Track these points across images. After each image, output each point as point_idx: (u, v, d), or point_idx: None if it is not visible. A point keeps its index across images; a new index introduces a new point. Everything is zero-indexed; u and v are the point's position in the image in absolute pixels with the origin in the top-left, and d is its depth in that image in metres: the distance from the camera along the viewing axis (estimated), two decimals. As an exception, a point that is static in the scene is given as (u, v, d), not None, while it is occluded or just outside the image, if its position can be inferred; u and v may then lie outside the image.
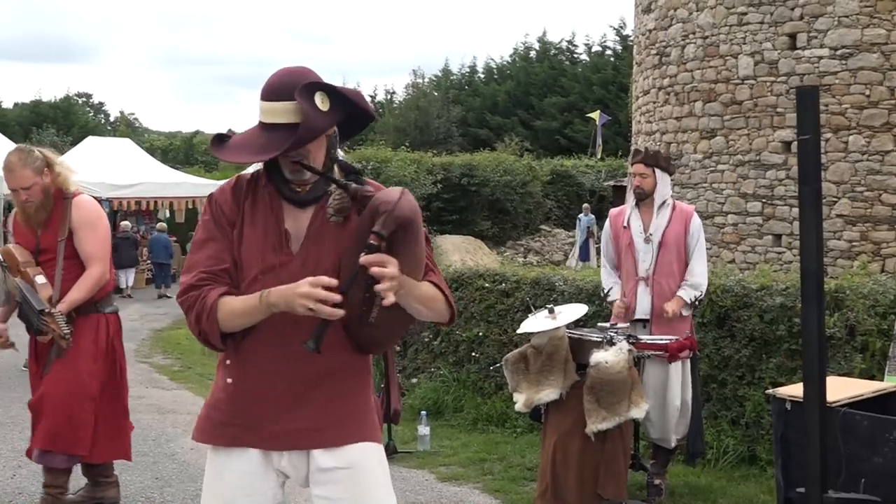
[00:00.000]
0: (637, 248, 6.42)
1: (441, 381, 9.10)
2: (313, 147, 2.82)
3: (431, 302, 2.88)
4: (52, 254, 5.41)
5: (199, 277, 2.85)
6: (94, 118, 65.13)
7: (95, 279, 5.44)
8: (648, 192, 6.42)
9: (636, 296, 6.39)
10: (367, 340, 2.91)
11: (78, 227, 5.43)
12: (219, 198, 2.97)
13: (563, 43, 51.52)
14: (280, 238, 2.87)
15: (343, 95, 2.86)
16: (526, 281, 8.73)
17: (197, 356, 13.41)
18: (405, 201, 2.73)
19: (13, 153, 5.47)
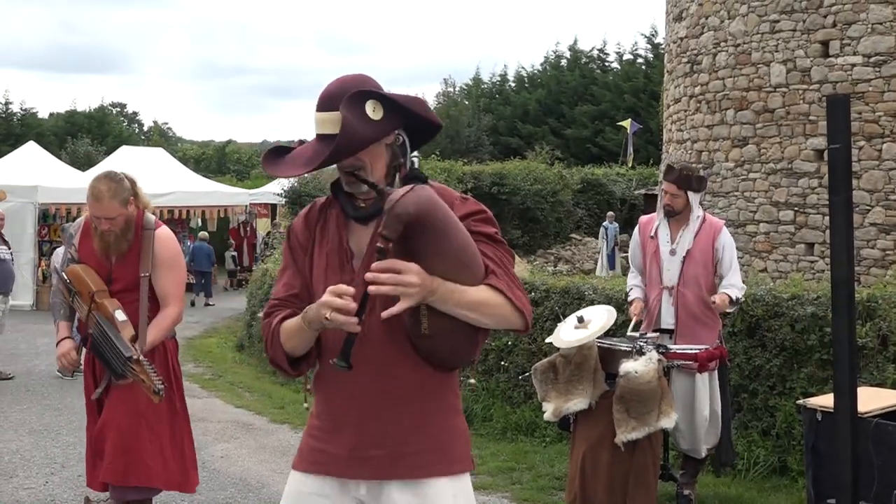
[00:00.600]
0: (662, 258, 6.42)
1: (470, 390, 9.10)
2: (369, 157, 2.73)
3: (487, 307, 2.65)
4: (124, 285, 5.03)
5: (271, 305, 2.87)
6: (128, 128, 65.67)
7: (173, 319, 5.15)
8: (678, 210, 6.43)
9: (660, 304, 6.38)
10: (432, 354, 2.73)
11: (160, 263, 5.10)
12: (295, 225, 2.97)
13: (595, 51, 51.42)
14: (343, 257, 2.82)
15: (398, 104, 2.75)
16: (555, 290, 8.73)
17: (228, 364, 13.49)
18: (409, 197, 2.51)
19: (102, 181, 5.05)
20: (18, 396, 10.71)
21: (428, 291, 2.53)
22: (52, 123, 56.24)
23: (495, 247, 2.77)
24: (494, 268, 2.71)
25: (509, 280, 2.72)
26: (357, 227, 2.83)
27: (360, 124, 2.66)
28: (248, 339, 14.56)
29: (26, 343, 14.67)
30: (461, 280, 2.61)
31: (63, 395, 10.77)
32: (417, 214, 2.49)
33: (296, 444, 3.04)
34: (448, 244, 2.58)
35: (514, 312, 2.70)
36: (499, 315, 2.69)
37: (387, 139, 2.77)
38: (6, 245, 12.17)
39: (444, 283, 2.57)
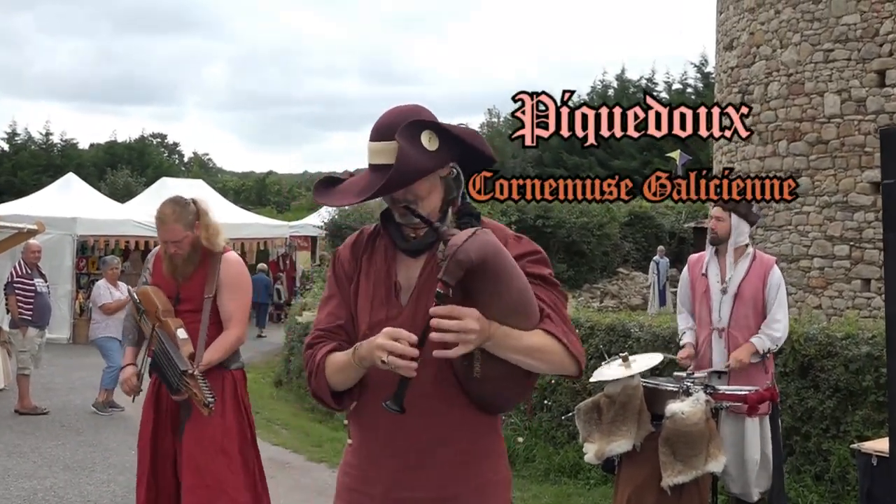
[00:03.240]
0: (713, 298, 6.37)
1: (512, 430, 9.07)
2: (423, 189, 2.72)
3: (541, 353, 2.64)
4: (191, 305, 5.32)
5: (315, 336, 2.86)
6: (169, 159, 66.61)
7: (234, 341, 5.37)
8: (722, 237, 6.37)
9: (710, 346, 6.32)
10: (481, 397, 2.74)
11: (225, 285, 5.36)
12: (341, 253, 2.96)
13: (643, 80, 51.47)
14: (390, 290, 2.79)
15: (454, 135, 2.74)
16: (601, 327, 8.69)
17: (265, 400, 13.54)
18: (472, 243, 2.50)
19: (168, 205, 5.38)
20: (53, 431, 10.82)
21: (485, 337, 2.53)
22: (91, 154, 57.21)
23: (549, 289, 2.77)
24: (549, 312, 2.71)
25: (564, 325, 2.72)
26: (406, 260, 2.82)
27: (415, 154, 2.65)
28: (286, 375, 14.62)
29: (62, 377, 14.83)
30: (517, 324, 2.60)
31: (98, 431, 10.87)
32: (479, 261, 2.49)
33: (333, 483, 3.02)
34: (506, 289, 2.58)
35: (568, 358, 2.70)
36: (553, 361, 2.68)
37: (441, 171, 2.76)
38: (43, 278, 12.36)
39: (500, 327, 2.57)
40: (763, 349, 6.18)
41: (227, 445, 5.30)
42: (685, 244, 30.25)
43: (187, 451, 5.23)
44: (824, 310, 14.88)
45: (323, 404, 2.85)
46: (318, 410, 12.08)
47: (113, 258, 13.37)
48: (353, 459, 2.86)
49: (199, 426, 5.21)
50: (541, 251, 2.83)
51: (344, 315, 2.86)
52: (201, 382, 4.98)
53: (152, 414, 5.38)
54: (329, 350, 2.77)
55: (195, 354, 5.17)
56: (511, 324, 2.59)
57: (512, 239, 2.81)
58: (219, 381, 5.31)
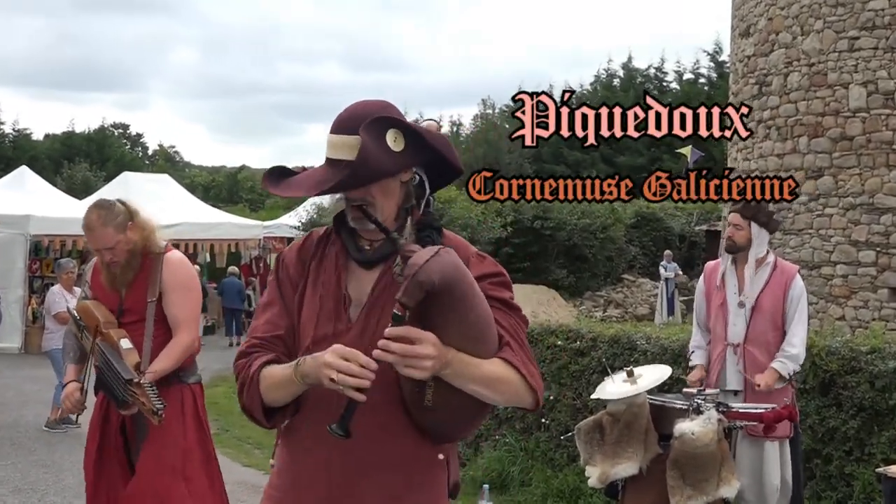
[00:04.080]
0: (729, 311, 6.36)
1: (507, 451, 9.06)
2: (380, 193, 2.74)
3: (499, 384, 2.68)
4: (136, 315, 5.32)
5: (251, 344, 2.85)
6: (131, 151, 66.48)
7: (185, 347, 5.35)
8: (740, 246, 6.36)
9: (723, 364, 6.32)
10: (432, 427, 2.74)
11: (170, 288, 5.36)
12: (286, 256, 2.96)
13: (651, 69, 51.53)
14: (339, 303, 2.79)
15: (422, 138, 2.76)
16: (603, 339, 8.69)
17: (235, 417, 13.50)
18: (435, 263, 2.53)
19: (92, 210, 5.36)
20: (3, 451, 10.79)
21: (442, 364, 2.56)
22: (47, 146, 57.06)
23: (510, 314, 2.80)
24: (509, 339, 2.75)
25: (524, 353, 2.76)
26: (358, 271, 2.82)
27: (378, 153, 2.67)
28: (258, 390, 14.58)
29: (13, 390, 14.79)
30: (475, 352, 2.64)
31: (52, 450, 10.83)
32: (442, 284, 2.52)
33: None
34: (466, 314, 2.61)
35: (526, 391, 2.74)
36: (511, 392, 2.72)
37: (403, 175, 2.79)
38: (-8, 281, 12.34)
39: (458, 355, 2.60)
40: (787, 373, 6.17)
41: (189, 470, 5.30)
42: (696, 248, 30.34)
43: (144, 476, 5.21)
44: (848, 321, 14.91)
45: (253, 420, 2.86)
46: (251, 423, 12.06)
47: (69, 261, 13.32)
48: (277, 481, 2.88)
49: (157, 448, 5.20)
50: (503, 273, 2.86)
51: (284, 325, 2.86)
52: (149, 390, 4.95)
53: (98, 436, 5.38)
54: (265, 362, 2.77)
55: (141, 363, 5.16)
56: (469, 351, 2.62)
57: (474, 258, 2.83)
58: (177, 398, 5.32)
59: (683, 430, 5.54)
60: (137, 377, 5.01)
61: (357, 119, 2.71)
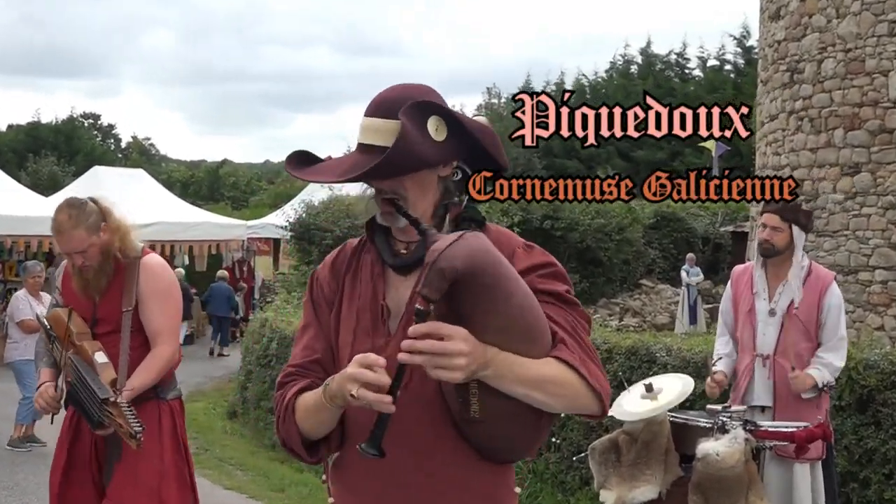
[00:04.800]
0: (758, 318, 6.35)
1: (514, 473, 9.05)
2: (414, 187, 2.71)
3: (554, 386, 2.58)
4: (111, 325, 5.28)
5: (287, 373, 2.84)
6: (102, 144, 66.59)
7: (165, 360, 5.32)
8: (779, 249, 6.32)
9: (752, 376, 6.31)
10: (483, 443, 2.67)
11: (147, 295, 5.32)
12: (319, 274, 2.94)
13: (672, 55, 51.53)
14: (377, 315, 2.76)
15: (467, 130, 2.74)
16: (620, 350, 8.70)
17: (217, 435, 13.53)
18: (457, 248, 2.43)
19: (62, 210, 5.29)
20: (-39, 471, 10.79)
21: (479, 364, 2.47)
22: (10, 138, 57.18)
23: (566, 309, 2.72)
24: (564, 336, 2.65)
25: (583, 352, 2.67)
26: (396, 279, 2.78)
27: (419, 140, 2.64)
28: (241, 405, 14.59)
29: (-27, 406, 14.77)
30: (522, 351, 2.55)
31: (14, 471, 10.84)
32: (467, 270, 2.42)
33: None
34: (506, 307, 2.51)
35: (588, 393, 2.64)
36: (569, 396, 2.62)
37: (441, 169, 2.76)
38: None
39: (500, 353, 2.51)
40: (823, 382, 6.16)
41: (166, 493, 5.27)
42: (721, 251, 30.31)
43: (116, 501, 5.19)
44: (888, 331, 14.91)
45: (294, 456, 2.83)
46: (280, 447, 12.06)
47: (35, 264, 13.29)
48: None
49: (131, 470, 5.17)
50: (555, 263, 2.79)
51: (321, 347, 2.84)
52: (126, 411, 4.89)
53: (66, 456, 5.36)
54: (300, 389, 2.75)
55: (117, 380, 5.11)
56: (514, 349, 2.53)
57: (521, 249, 2.78)
58: (154, 415, 5.30)
59: (707, 451, 5.54)
60: (114, 396, 4.94)
61: (396, 102, 2.68)
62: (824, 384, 6.16)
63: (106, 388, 4.98)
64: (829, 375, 6.17)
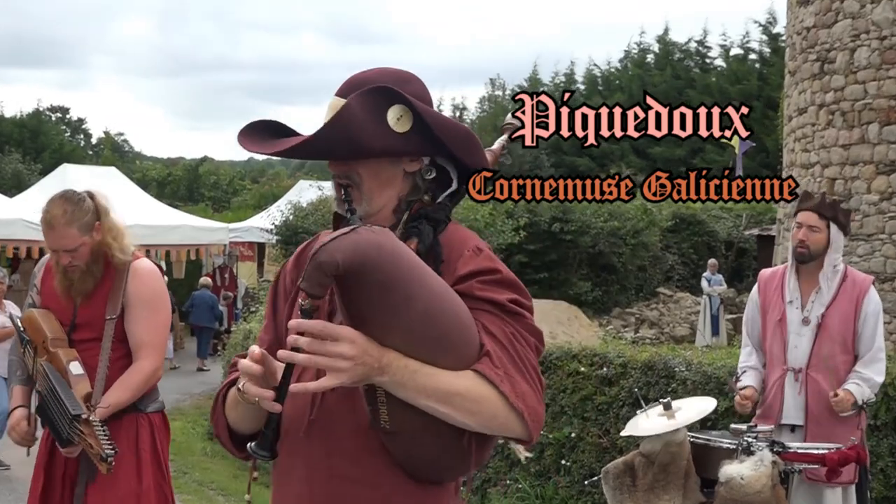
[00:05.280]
0: (789, 328, 6.32)
1: (519, 498, 9.07)
2: (369, 176, 2.74)
3: (463, 401, 2.54)
4: (91, 333, 5.23)
5: (232, 363, 2.88)
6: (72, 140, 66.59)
7: (146, 376, 5.27)
8: (815, 253, 6.25)
9: (782, 392, 6.29)
10: (402, 458, 2.65)
11: (134, 303, 5.26)
12: (287, 263, 3.02)
13: (692, 43, 51.64)
14: (322, 312, 2.71)
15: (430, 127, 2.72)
16: (635, 364, 8.70)
17: (197, 457, 13.52)
18: (343, 241, 2.41)
19: (56, 203, 5.23)
20: (-81, 496, 10.80)
21: (373, 369, 2.45)
22: (-30, 133, 56.97)
23: (505, 320, 2.67)
24: (492, 347, 2.60)
25: (515, 367, 2.61)
26: None
27: (368, 123, 2.66)
28: (223, 424, 14.57)
29: (-70, 424, 14.76)
30: (433, 360, 2.52)
31: (-23, 496, 10.84)
32: (349, 266, 2.39)
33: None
34: (406, 309, 2.47)
35: (508, 413, 2.58)
36: (484, 414, 2.56)
37: (408, 164, 2.78)
38: None
39: (400, 359, 2.49)
40: (863, 399, 6.13)
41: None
42: (746, 257, 30.35)
43: None
44: (927, 344, 14.92)
45: (225, 448, 2.91)
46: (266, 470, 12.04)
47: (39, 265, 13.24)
48: None
49: (106, 492, 5.12)
50: (498, 269, 2.73)
51: (268, 339, 2.92)
52: (98, 430, 4.85)
53: (43, 477, 5.30)
54: (232, 380, 2.80)
55: (92, 394, 5.07)
56: (423, 357, 2.51)
57: (469, 252, 2.76)
58: (132, 430, 5.26)
59: (731, 475, 5.54)
60: (87, 412, 4.89)
61: (366, 84, 2.73)
62: (863, 402, 6.13)
63: (78, 403, 4.93)
64: (869, 392, 6.14)
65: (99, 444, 4.80)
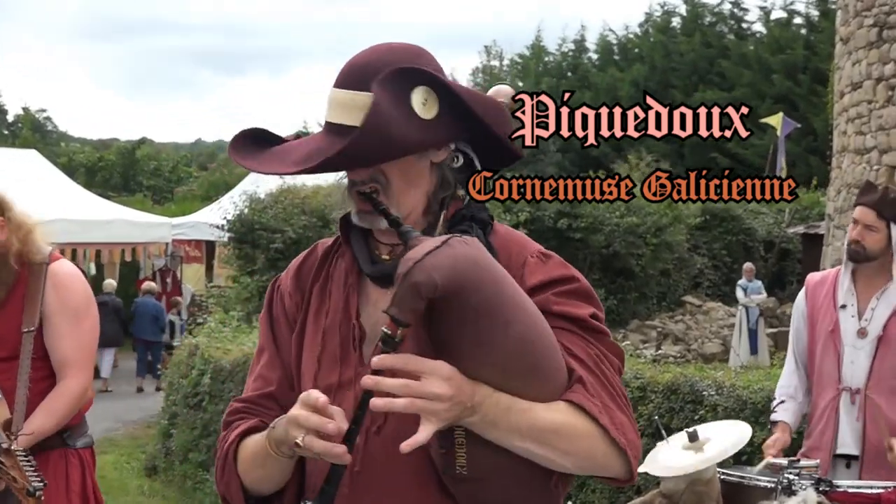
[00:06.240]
0: (843, 342, 6.30)
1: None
2: (397, 175, 2.70)
3: (561, 439, 2.54)
4: (7, 350, 5.19)
5: (233, 409, 2.85)
6: (-18, 117, 66.47)
7: (74, 398, 5.27)
8: (872, 253, 6.21)
9: (836, 417, 6.28)
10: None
11: (55, 312, 5.24)
12: (282, 282, 2.95)
13: (726, 5, 51.72)
14: (347, 339, 2.76)
15: (465, 103, 2.72)
16: (656, 387, 8.72)
17: (133, 497, 13.51)
18: (439, 256, 2.37)
19: None
20: None
21: (464, 409, 2.44)
22: None
23: (590, 339, 2.69)
24: (583, 373, 2.61)
25: (608, 396, 2.63)
26: (376, 292, 2.77)
27: (398, 118, 2.62)
28: (163, 458, 14.54)
29: None
30: (524, 392, 2.52)
31: None
32: (450, 286, 2.36)
33: None
34: (503, 336, 2.46)
35: (610, 450, 2.59)
36: (583, 453, 2.58)
37: (435, 154, 2.75)
38: None
39: (492, 395, 2.48)
40: None
41: None
42: (789, 259, 30.34)
43: None
44: None
45: None
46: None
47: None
48: None
49: None
50: (578, 278, 2.77)
51: (276, 378, 2.85)
52: (22, 460, 4.80)
53: None
54: (245, 431, 2.75)
55: (13, 421, 5.04)
56: (513, 389, 2.50)
57: (534, 258, 2.77)
58: (61, 467, 5.25)
59: (769, 518, 5.57)
60: (7, 441, 4.86)
61: (373, 69, 2.67)
62: None
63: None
64: None
65: (24, 477, 4.74)
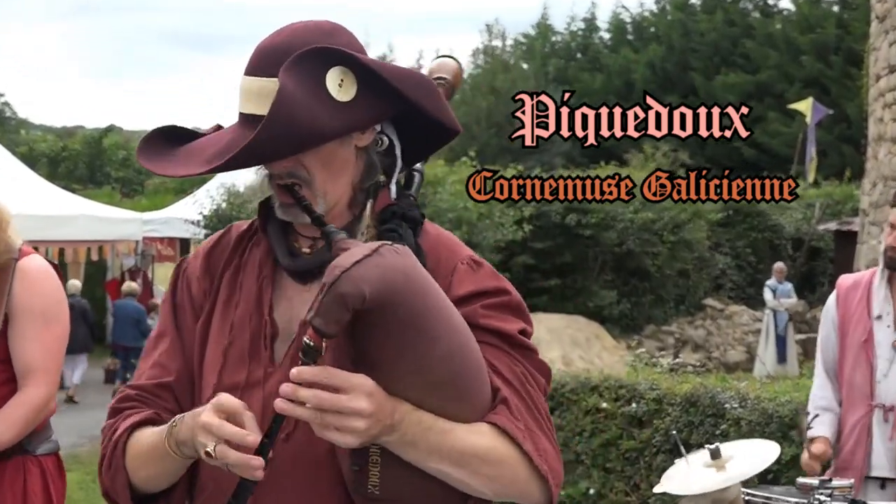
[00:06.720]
0: (877, 354, 6.30)
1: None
2: (319, 166, 2.68)
3: (482, 464, 2.55)
4: None
5: (124, 396, 2.83)
6: (-65, 102, 66.49)
7: (35, 408, 5.24)
8: None
9: (868, 436, 6.28)
10: None
11: (22, 313, 5.21)
12: (189, 266, 2.94)
13: (750, -20, 51.76)
14: (258, 336, 2.76)
15: (384, 79, 2.67)
16: (673, 399, 8.72)
17: (99, 518, 13.51)
18: (368, 266, 2.37)
19: None
20: None
21: (383, 427, 2.44)
22: None
23: (515, 357, 2.69)
24: (508, 394, 2.62)
25: (533, 419, 2.64)
26: (292, 287, 2.78)
27: (310, 103, 2.60)
28: (133, 475, 14.59)
29: None
30: (446, 410, 2.54)
31: None
32: (377, 299, 2.37)
33: None
34: (428, 353, 2.48)
35: (530, 478, 2.61)
36: (503, 479, 2.60)
37: (359, 138, 2.74)
38: None
39: (413, 413, 2.49)
40: None
41: None
42: (820, 258, 30.32)
43: None
44: None
45: None
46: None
47: None
48: None
49: None
50: (507, 290, 2.75)
51: (175, 368, 2.84)
52: None
53: None
54: (137, 422, 2.74)
55: None
56: (434, 408, 2.52)
57: (465, 265, 2.76)
58: (19, 477, 5.24)
59: (798, 543, 5.57)
60: None
61: (283, 52, 2.65)
62: None
63: None
64: None
65: None
